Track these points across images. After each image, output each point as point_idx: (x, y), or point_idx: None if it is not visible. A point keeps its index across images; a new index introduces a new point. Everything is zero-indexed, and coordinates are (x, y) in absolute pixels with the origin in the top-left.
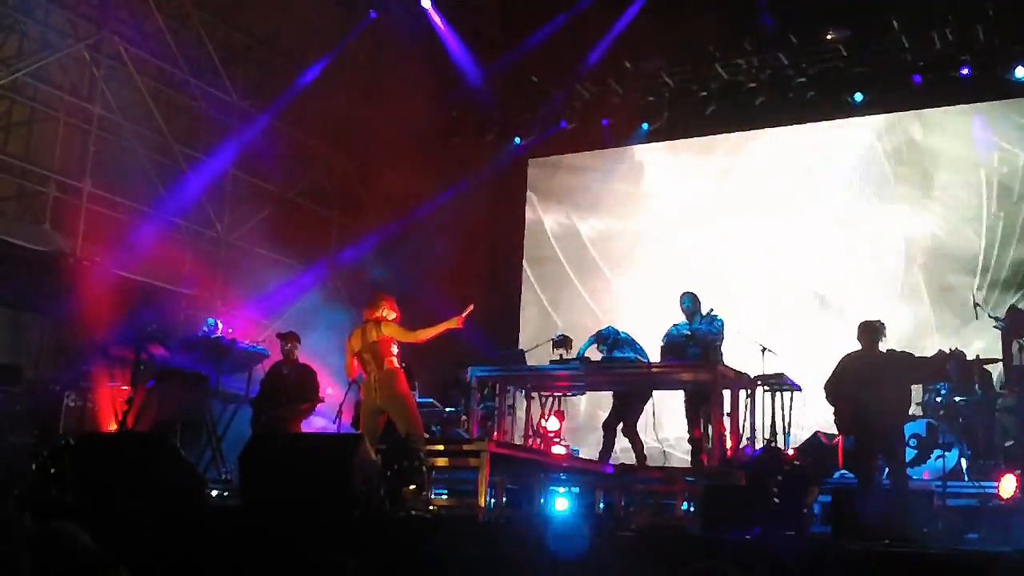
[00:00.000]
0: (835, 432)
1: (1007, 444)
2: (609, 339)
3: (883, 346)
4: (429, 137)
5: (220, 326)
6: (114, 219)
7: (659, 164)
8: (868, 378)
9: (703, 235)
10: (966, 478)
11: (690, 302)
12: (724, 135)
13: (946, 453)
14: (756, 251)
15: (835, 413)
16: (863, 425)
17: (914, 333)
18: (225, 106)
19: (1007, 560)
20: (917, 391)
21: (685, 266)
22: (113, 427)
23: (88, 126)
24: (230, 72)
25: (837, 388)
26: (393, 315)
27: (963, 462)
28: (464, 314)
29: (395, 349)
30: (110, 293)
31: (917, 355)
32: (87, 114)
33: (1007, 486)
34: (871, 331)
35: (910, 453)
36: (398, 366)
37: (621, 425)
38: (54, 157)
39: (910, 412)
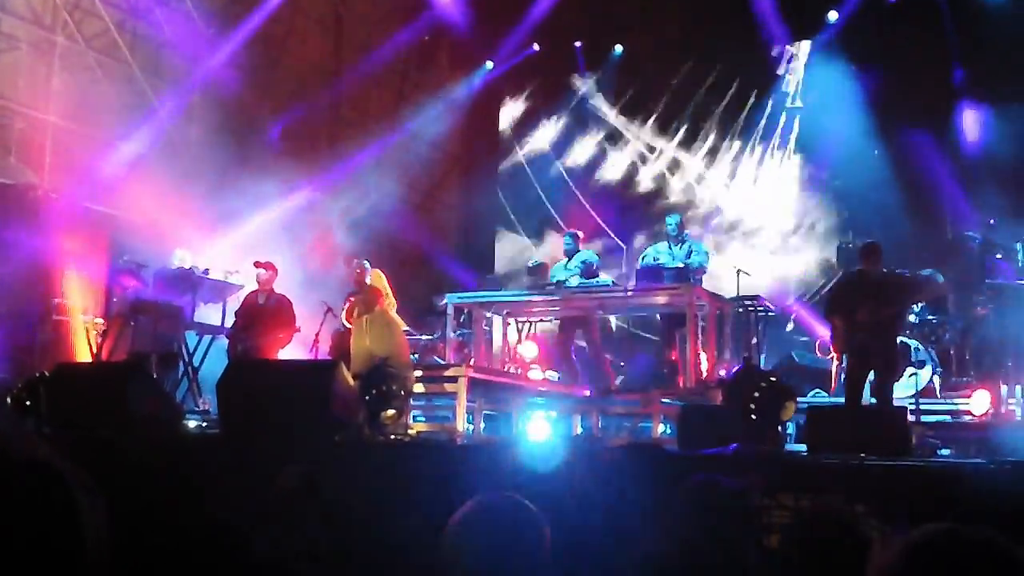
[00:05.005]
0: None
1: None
2: (585, 264)
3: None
4: (401, 61)
5: (189, 257)
6: (81, 151)
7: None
8: (865, 297)
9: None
10: (939, 395)
11: (675, 224)
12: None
13: (919, 371)
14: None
15: (832, 330)
16: (856, 343)
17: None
18: (191, 34)
19: (982, 471)
20: None
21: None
22: (88, 359)
23: (52, 57)
24: None
25: (834, 305)
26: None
27: (936, 380)
28: None
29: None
30: (79, 225)
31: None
32: (50, 44)
33: (979, 402)
34: (871, 252)
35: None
36: (387, 308)
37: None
38: (18, 89)
39: None
